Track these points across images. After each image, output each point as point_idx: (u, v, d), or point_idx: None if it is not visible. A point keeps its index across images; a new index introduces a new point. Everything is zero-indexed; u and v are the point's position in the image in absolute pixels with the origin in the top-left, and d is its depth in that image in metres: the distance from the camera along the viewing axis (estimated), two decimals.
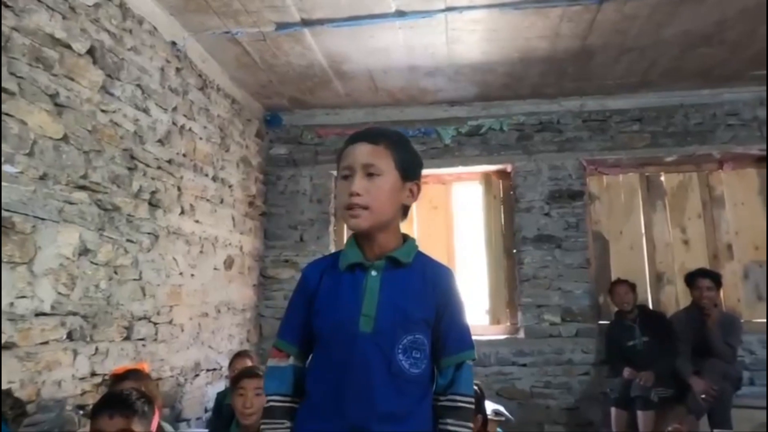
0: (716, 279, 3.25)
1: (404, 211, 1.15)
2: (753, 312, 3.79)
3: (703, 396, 2.96)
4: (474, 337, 1.13)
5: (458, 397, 1.06)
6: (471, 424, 1.07)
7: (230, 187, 3.47)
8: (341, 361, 1.04)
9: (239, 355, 2.84)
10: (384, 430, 1.01)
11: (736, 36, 3.06)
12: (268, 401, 1.11)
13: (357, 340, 1.03)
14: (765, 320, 3.66)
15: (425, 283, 1.09)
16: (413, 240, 1.16)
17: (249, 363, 2.60)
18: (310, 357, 1.15)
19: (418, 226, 4.18)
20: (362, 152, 1.08)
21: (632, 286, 3.46)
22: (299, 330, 1.13)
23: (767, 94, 3.69)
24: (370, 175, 1.06)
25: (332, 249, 3.97)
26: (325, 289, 1.10)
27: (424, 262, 1.13)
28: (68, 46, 2.00)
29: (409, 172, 1.12)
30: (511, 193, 4.03)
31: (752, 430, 3.04)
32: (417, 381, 1.05)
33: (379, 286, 1.06)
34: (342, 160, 1.11)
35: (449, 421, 1.05)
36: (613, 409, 3.29)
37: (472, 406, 1.09)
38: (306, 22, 2.84)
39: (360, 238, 1.12)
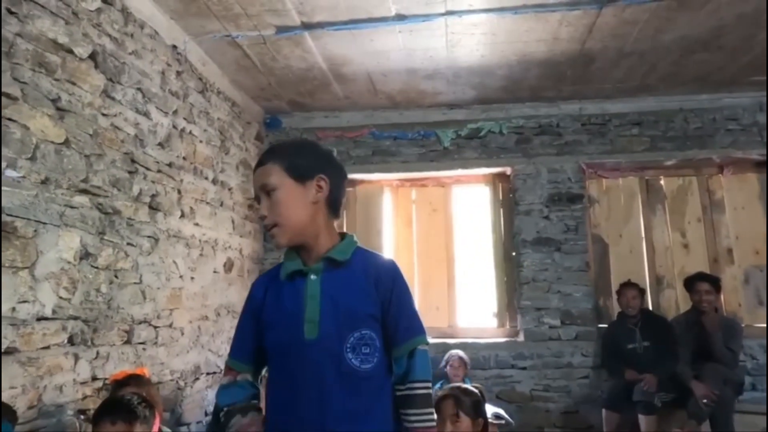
0: (715, 283, 3.25)
1: (331, 208, 1.14)
2: (754, 317, 3.79)
3: (705, 401, 2.96)
4: (476, 340, 1.14)
5: (415, 384, 1.07)
6: (431, 409, 1.08)
7: (230, 189, 3.47)
8: (293, 371, 1.05)
9: None
10: (341, 429, 1.01)
11: (734, 42, 3.08)
12: (222, 414, 1.12)
13: (304, 348, 1.04)
14: (766, 325, 3.67)
15: (367, 278, 1.10)
16: (351, 237, 1.16)
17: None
18: (263, 372, 1.17)
19: (417, 229, 4.19)
20: (257, 176, 1.12)
21: (641, 291, 3.45)
22: (249, 347, 1.14)
23: (767, 99, 3.70)
24: (268, 193, 1.09)
25: None
26: (270, 302, 1.12)
27: (364, 257, 1.14)
28: (70, 51, 2.00)
29: (305, 171, 1.11)
30: (511, 196, 4.04)
31: None
32: (370, 377, 1.05)
33: (320, 288, 1.07)
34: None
35: (409, 411, 1.06)
36: (604, 411, 3.31)
37: (430, 391, 1.10)
38: (306, 26, 2.85)
39: (297, 246, 1.13)
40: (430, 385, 1.10)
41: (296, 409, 1.04)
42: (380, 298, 1.09)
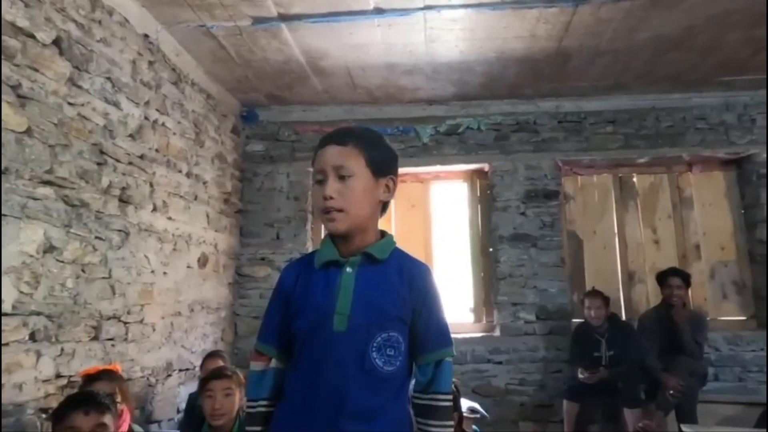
0: (686, 278, 3.34)
1: (383, 207, 1.15)
2: (719, 310, 3.92)
3: (671, 392, 3.05)
4: (453, 335, 1.13)
5: (439, 396, 1.06)
6: (452, 422, 1.08)
7: (205, 183, 3.40)
8: (316, 361, 1.04)
9: (211, 356, 2.78)
10: (354, 429, 1.00)
11: (705, 42, 3.15)
12: (247, 407, 1.12)
13: (331, 339, 1.03)
14: (737, 318, 3.78)
15: (401, 279, 1.08)
16: (390, 236, 1.15)
17: (221, 363, 2.55)
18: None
19: (396, 225, 4.18)
20: (332, 155, 1.07)
21: (606, 300, 3.42)
22: (278, 332, 1.12)
23: (767, 96, 3.77)
24: (342, 177, 1.06)
25: (309, 247, 3.93)
26: (301, 289, 1.10)
27: (400, 258, 1.13)
28: (32, 36, 1.92)
29: (382, 168, 1.11)
30: (488, 192, 4.07)
31: (717, 424, 3.14)
32: (391, 379, 1.04)
33: (354, 282, 1.06)
34: (315, 165, 1.10)
35: (431, 422, 1.05)
36: (565, 402, 3.39)
37: (451, 404, 1.10)
38: (283, 17, 2.80)
39: (336, 236, 1.11)
40: (451, 398, 1.09)
41: (313, 400, 1.02)
42: (412, 302, 1.08)
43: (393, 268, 1.09)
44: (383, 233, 1.15)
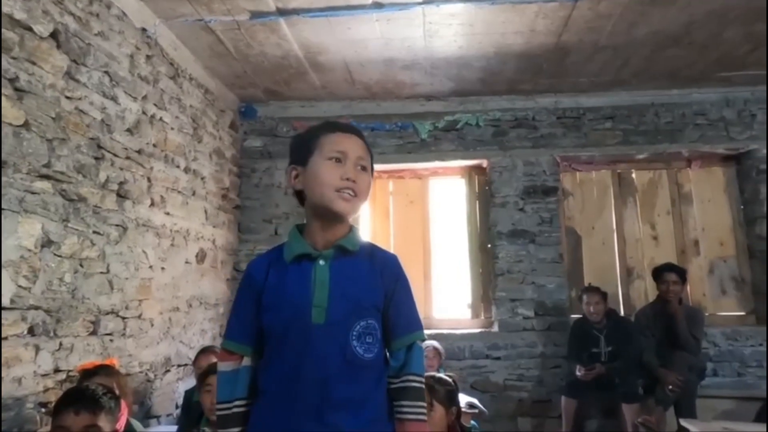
0: (682, 274, 3.34)
1: None
2: (717, 306, 3.92)
3: (671, 387, 3.06)
4: (451, 331, 1.14)
5: (411, 377, 1.08)
6: (424, 403, 1.09)
7: (203, 179, 3.39)
8: (295, 355, 1.03)
9: (204, 351, 2.75)
10: (339, 418, 1.01)
11: (704, 38, 3.15)
12: (218, 410, 1.09)
13: (311, 332, 1.03)
14: (736, 314, 3.78)
15: (373, 268, 1.11)
16: (357, 229, 1.18)
17: (214, 359, 2.54)
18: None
19: (394, 221, 4.18)
20: (357, 145, 1.12)
21: (604, 295, 3.42)
22: (250, 328, 1.10)
23: (767, 93, 3.77)
24: (361, 167, 1.11)
25: None
26: (273, 284, 1.09)
27: (370, 249, 1.15)
28: (29, 29, 1.91)
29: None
30: (487, 188, 4.07)
31: (715, 418, 3.16)
32: (371, 366, 1.06)
33: (329, 274, 1.07)
34: (332, 144, 1.10)
35: (404, 403, 1.07)
36: (563, 398, 3.39)
37: (423, 386, 1.11)
38: (281, 12, 2.79)
39: (309, 227, 1.13)
40: (423, 379, 1.11)
41: (295, 394, 1.02)
42: (384, 289, 1.10)
43: (364, 259, 1.11)
44: (350, 226, 1.17)
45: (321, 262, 1.08)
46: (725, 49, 3.29)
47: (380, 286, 1.10)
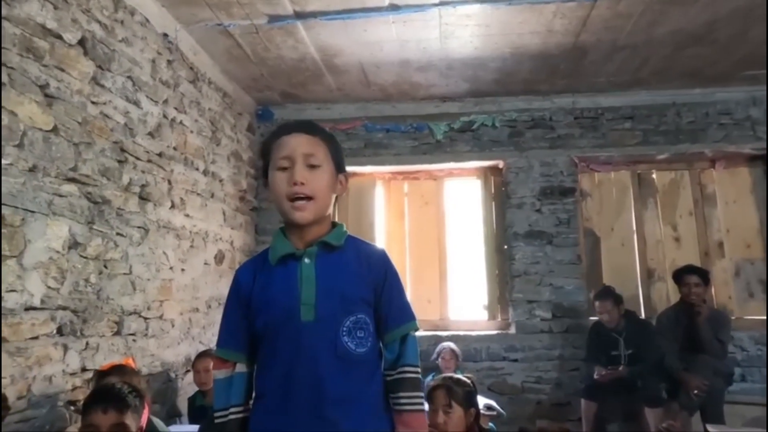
0: (704, 276, 3.26)
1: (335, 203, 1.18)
2: (744, 309, 3.83)
3: (695, 392, 2.99)
4: (467, 333, 1.14)
5: (406, 368, 1.08)
6: (421, 393, 1.09)
7: (221, 181, 3.44)
8: (288, 354, 1.04)
9: (201, 355, 2.74)
10: (337, 414, 1.01)
11: (727, 37, 3.09)
12: (215, 417, 1.09)
13: (301, 330, 1.03)
14: (764, 318, 3.68)
15: (360, 262, 1.10)
16: (342, 225, 1.17)
17: (211, 362, 2.55)
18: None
19: (409, 222, 4.19)
20: (302, 142, 1.08)
21: (616, 299, 3.35)
22: (241, 335, 1.10)
23: (767, 94, 3.71)
24: (310, 166, 1.07)
25: None
26: (260, 287, 1.09)
27: (356, 244, 1.15)
28: (59, 37, 1.96)
29: (340, 164, 1.15)
30: (503, 189, 4.05)
31: (744, 425, 3.08)
32: (364, 360, 1.06)
33: (315, 271, 1.06)
34: (277, 151, 1.09)
35: (401, 394, 1.07)
36: (582, 401, 3.36)
37: (420, 376, 1.11)
38: (299, 15, 2.82)
39: (289, 229, 1.11)
40: (419, 370, 1.11)
41: (292, 393, 1.03)
42: (373, 283, 1.10)
43: (350, 253, 1.11)
44: (334, 224, 1.16)
45: (306, 260, 1.07)
46: (750, 47, 3.22)
47: (368, 280, 1.09)
